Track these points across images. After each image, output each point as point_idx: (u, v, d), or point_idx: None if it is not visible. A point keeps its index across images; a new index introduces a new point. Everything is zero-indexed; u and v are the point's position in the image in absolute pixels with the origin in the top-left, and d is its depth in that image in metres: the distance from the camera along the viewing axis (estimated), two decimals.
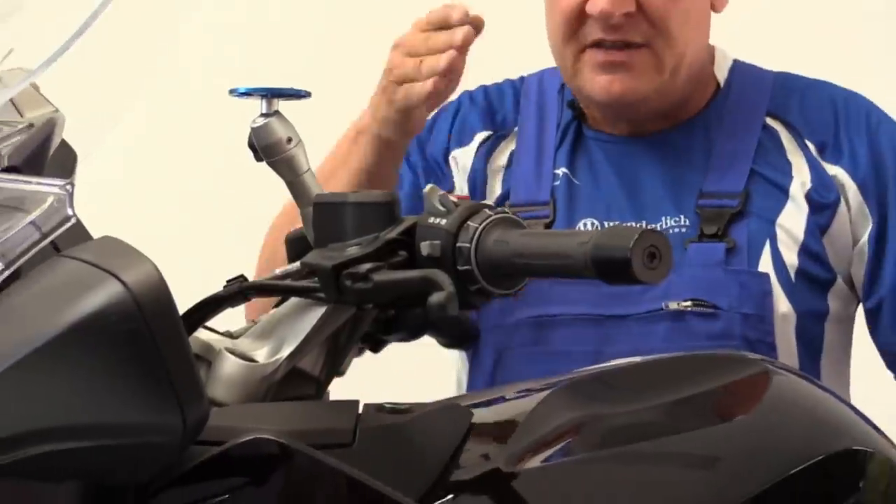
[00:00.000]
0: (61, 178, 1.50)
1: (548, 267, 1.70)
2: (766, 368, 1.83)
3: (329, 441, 1.49)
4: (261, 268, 1.91)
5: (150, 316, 1.40)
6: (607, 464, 1.67)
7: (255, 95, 1.88)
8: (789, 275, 2.30)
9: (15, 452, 1.35)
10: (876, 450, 1.73)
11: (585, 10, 2.29)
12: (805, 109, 2.41)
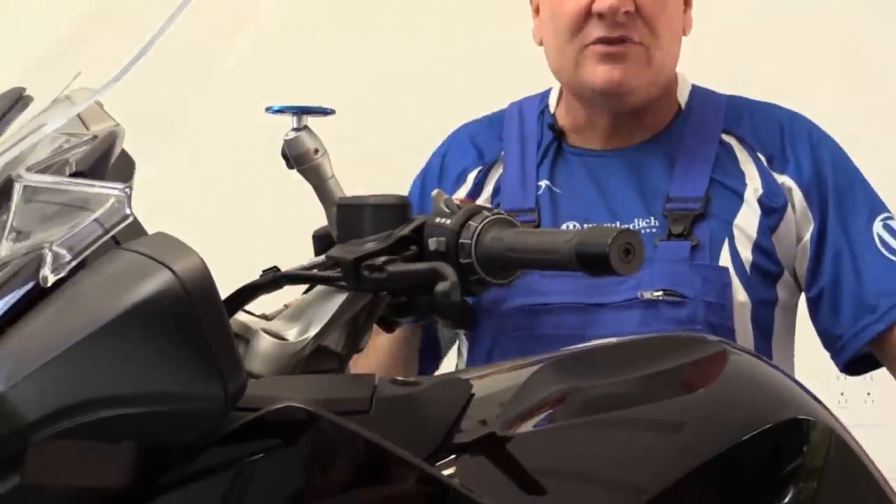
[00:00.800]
0: (121, 182, 1.50)
1: (538, 261, 1.72)
2: (723, 349, 1.83)
3: (349, 409, 1.50)
4: None
5: (197, 300, 1.41)
6: (587, 429, 1.67)
7: (287, 112, 1.89)
8: (745, 268, 2.31)
9: (80, 417, 1.36)
10: (818, 419, 1.73)
11: (592, 10, 2.29)
12: (755, 127, 2.41)
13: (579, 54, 2.33)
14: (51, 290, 1.42)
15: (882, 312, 2.30)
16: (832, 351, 2.37)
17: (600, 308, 2.21)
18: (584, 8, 2.30)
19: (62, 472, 1.39)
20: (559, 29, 2.35)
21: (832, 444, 1.73)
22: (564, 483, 1.58)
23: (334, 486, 1.47)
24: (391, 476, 1.48)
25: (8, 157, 1.54)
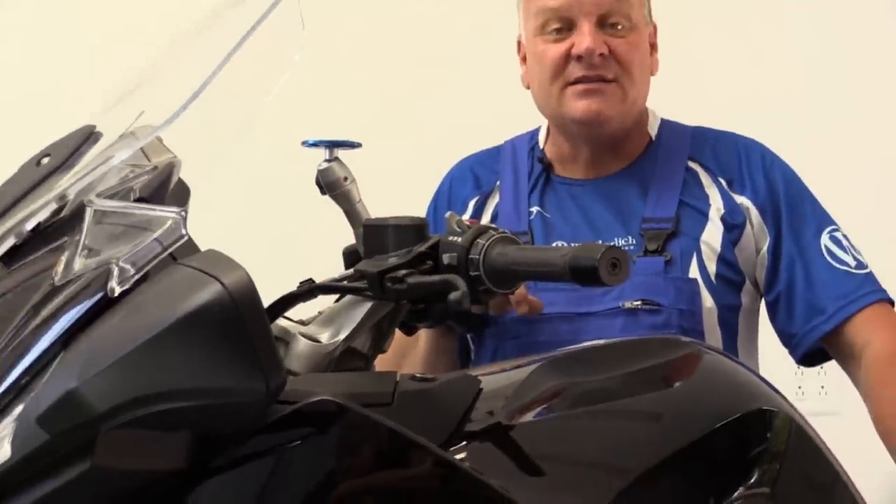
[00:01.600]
0: (178, 206, 1.51)
1: (536, 273, 1.73)
2: (696, 349, 1.84)
3: (374, 402, 1.50)
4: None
5: (243, 309, 1.41)
6: (580, 419, 1.68)
7: (320, 146, 1.89)
8: (711, 278, 2.32)
9: (143, 409, 1.36)
10: (780, 410, 1.73)
11: (571, 53, 2.30)
12: (716, 154, 2.42)
13: (562, 92, 2.34)
14: (117, 300, 1.42)
15: (830, 314, 2.31)
16: (789, 347, 2.38)
17: (588, 316, 2.21)
18: (564, 52, 2.31)
19: (127, 457, 1.39)
20: (544, 72, 2.36)
21: (792, 432, 1.72)
22: (560, 466, 1.58)
23: (361, 468, 1.46)
24: (410, 460, 1.48)
25: (81, 185, 1.55)
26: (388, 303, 1.74)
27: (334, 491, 1.44)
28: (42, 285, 1.46)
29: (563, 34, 2.33)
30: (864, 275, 2.34)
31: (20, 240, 1.55)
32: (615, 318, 2.23)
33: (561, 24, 2.33)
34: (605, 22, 2.32)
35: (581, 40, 2.29)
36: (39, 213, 1.55)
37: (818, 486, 1.74)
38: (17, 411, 1.38)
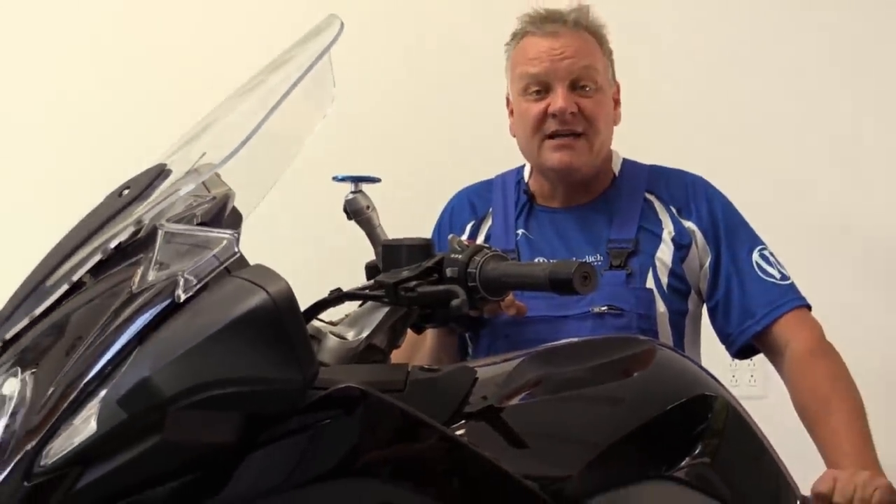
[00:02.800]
0: (232, 229, 1.52)
1: (522, 284, 1.73)
2: (651, 346, 1.84)
3: (390, 388, 1.50)
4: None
5: (283, 313, 1.41)
6: (557, 402, 1.68)
7: (347, 181, 1.91)
8: (664, 289, 2.32)
9: (202, 394, 1.37)
10: (719, 395, 1.74)
11: (548, 111, 2.30)
12: (668, 188, 2.41)
13: (541, 145, 2.34)
14: (182, 305, 1.43)
15: (760, 317, 2.30)
16: (726, 344, 2.37)
17: (564, 319, 2.20)
18: (543, 110, 2.31)
19: (189, 433, 1.39)
20: (526, 126, 2.35)
21: (728, 413, 1.73)
22: (540, 440, 1.57)
23: (379, 443, 1.46)
24: (419, 436, 1.47)
25: (154, 212, 1.55)
26: (401, 308, 1.74)
27: (357, 461, 1.44)
28: (122, 293, 1.46)
29: (541, 95, 2.33)
30: (788, 285, 2.33)
31: (105, 256, 1.55)
32: (586, 320, 2.22)
33: (540, 87, 2.33)
34: (576, 85, 2.32)
35: (556, 101, 2.30)
36: (120, 235, 1.56)
37: (749, 457, 1.74)
38: (102, 395, 1.38)
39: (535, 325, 2.18)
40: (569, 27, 2.35)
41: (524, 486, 1.48)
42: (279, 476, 1.41)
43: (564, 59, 2.31)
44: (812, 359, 2.23)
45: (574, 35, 2.34)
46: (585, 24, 2.37)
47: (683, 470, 1.63)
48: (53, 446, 1.36)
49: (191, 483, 1.39)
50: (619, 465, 1.59)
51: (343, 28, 1.66)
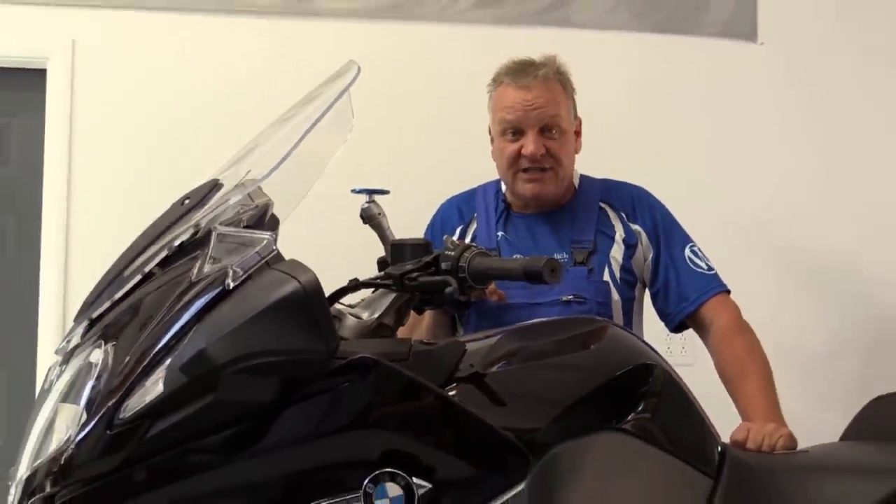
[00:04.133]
0: (271, 231, 1.53)
1: (502, 275, 1.74)
2: (605, 324, 1.83)
3: (396, 358, 1.50)
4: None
5: (311, 298, 1.42)
6: (529, 369, 1.67)
7: (363, 193, 1.92)
8: (618, 281, 2.31)
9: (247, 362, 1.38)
10: (657, 363, 1.73)
11: (521, 152, 2.29)
12: (619, 198, 2.39)
13: (515, 176, 2.33)
14: (231, 291, 1.43)
15: (691, 301, 2.30)
16: (664, 322, 2.37)
17: (537, 305, 2.18)
18: (517, 150, 2.30)
19: (236, 393, 1.39)
20: (503, 161, 2.34)
21: (665, 377, 1.72)
22: (516, 399, 1.57)
23: (387, 401, 1.46)
24: (419, 396, 1.47)
25: (209, 217, 1.56)
26: (406, 294, 1.73)
27: (370, 415, 1.44)
28: (184, 281, 1.47)
29: (516, 137, 2.30)
30: (713, 275, 2.33)
31: (170, 252, 1.55)
32: (555, 307, 2.21)
33: (515, 131, 2.31)
34: (544, 130, 2.30)
35: (528, 145, 2.28)
36: (182, 235, 1.56)
37: (680, 412, 1.73)
38: (167, 362, 1.38)
39: (514, 310, 2.17)
40: (539, 80, 2.31)
41: (503, 436, 1.48)
42: (308, 427, 1.41)
43: (535, 110, 2.29)
44: (732, 334, 2.24)
45: (543, 86, 2.31)
46: (553, 75, 2.34)
47: (629, 423, 1.62)
48: (129, 403, 1.37)
49: (237, 433, 1.39)
50: (579, 418, 1.58)
51: (360, 72, 1.67)
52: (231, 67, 3.23)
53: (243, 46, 3.25)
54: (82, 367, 1.47)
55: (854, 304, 3.44)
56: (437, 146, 3.20)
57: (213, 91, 3.20)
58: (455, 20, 3.35)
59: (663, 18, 3.46)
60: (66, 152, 3.15)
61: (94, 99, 3.17)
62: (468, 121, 2.41)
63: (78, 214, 3.12)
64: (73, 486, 1.37)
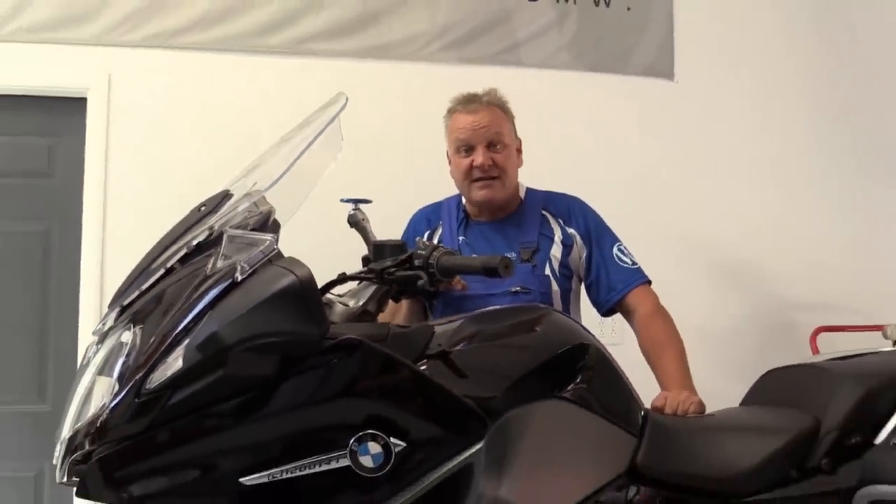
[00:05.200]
0: (273, 233, 1.51)
1: (464, 270, 1.72)
2: (548, 310, 1.82)
3: (377, 339, 1.50)
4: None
5: (306, 289, 1.41)
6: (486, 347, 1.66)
7: (350, 202, 1.93)
8: (557, 275, 2.29)
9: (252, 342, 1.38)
10: (591, 343, 1.72)
11: (473, 164, 2.29)
12: (557, 206, 2.38)
13: (469, 186, 2.32)
14: (239, 283, 1.42)
15: (619, 290, 2.29)
16: (597, 308, 2.35)
17: (492, 295, 2.16)
18: (469, 163, 2.29)
19: (243, 368, 1.38)
20: (459, 173, 2.33)
21: (598, 354, 1.71)
22: (475, 372, 1.55)
23: (369, 374, 1.44)
24: (396, 370, 1.46)
25: (221, 221, 1.54)
26: (385, 286, 1.72)
27: (355, 386, 1.43)
28: (200, 275, 1.45)
29: (468, 153, 2.30)
30: (636, 268, 2.32)
31: (189, 250, 1.54)
32: (506, 297, 2.19)
33: (467, 147, 2.30)
34: (490, 146, 2.29)
35: (477, 157, 2.28)
36: (199, 236, 1.54)
37: (611, 383, 1.72)
38: (186, 342, 1.37)
39: (473, 299, 2.16)
40: (483, 105, 2.32)
41: (465, 403, 1.48)
42: (303, 397, 1.40)
43: (482, 129, 2.29)
44: (652, 318, 2.23)
45: (487, 110, 2.32)
46: (494, 102, 2.35)
47: (569, 392, 1.61)
48: (154, 376, 1.36)
49: (244, 401, 1.38)
50: (527, 388, 1.57)
51: (347, 101, 1.66)
52: (243, 96, 3.22)
53: (254, 79, 3.24)
54: (115, 346, 1.46)
55: (750, 294, 3.47)
56: (411, 164, 3.19)
57: (228, 116, 3.19)
58: (427, 60, 3.35)
59: (598, 60, 3.47)
60: (102, 168, 3.12)
61: (126, 123, 3.15)
62: (438, 143, 2.40)
63: (112, 220, 3.10)
64: (107, 444, 1.36)
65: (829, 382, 1.90)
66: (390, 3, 3.35)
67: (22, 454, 3.04)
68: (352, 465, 1.38)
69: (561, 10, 3.45)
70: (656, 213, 3.39)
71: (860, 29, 3.67)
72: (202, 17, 3.22)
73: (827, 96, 3.60)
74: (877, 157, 3.62)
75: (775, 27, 3.61)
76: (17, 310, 3.11)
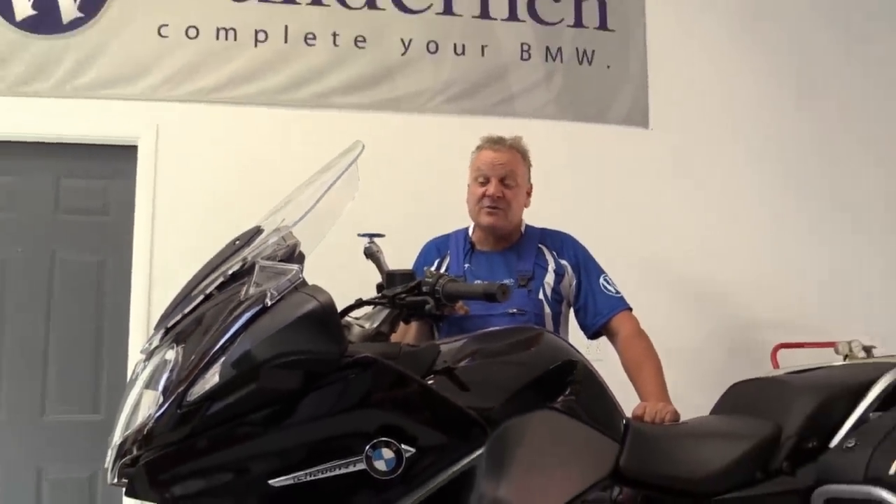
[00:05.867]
0: (299, 264, 1.51)
1: (467, 295, 1.71)
2: (542, 331, 1.81)
3: (390, 357, 1.49)
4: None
5: (327, 313, 1.41)
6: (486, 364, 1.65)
7: (366, 236, 1.91)
8: (549, 300, 2.28)
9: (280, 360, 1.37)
10: (579, 360, 1.71)
11: (486, 193, 2.30)
12: (552, 241, 2.36)
13: (478, 211, 2.32)
14: (269, 308, 1.41)
15: (604, 315, 2.28)
16: (584, 331, 2.34)
17: (491, 316, 2.14)
18: (482, 192, 2.30)
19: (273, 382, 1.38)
20: (472, 199, 2.34)
21: (585, 370, 1.70)
22: (477, 385, 1.54)
23: (383, 388, 1.44)
24: (406, 385, 1.46)
25: (254, 253, 1.54)
26: (397, 310, 1.71)
27: (370, 399, 1.42)
28: (235, 300, 1.45)
29: (484, 183, 2.31)
30: (620, 297, 2.31)
31: (225, 279, 1.53)
32: (504, 317, 2.18)
33: (484, 179, 2.31)
34: (503, 181, 2.30)
35: (490, 188, 2.29)
36: (234, 266, 1.54)
37: (597, 395, 1.71)
38: (222, 360, 1.37)
39: (474, 320, 2.15)
40: (506, 147, 2.34)
41: (468, 414, 1.47)
42: (324, 408, 1.39)
43: (499, 165, 2.31)
44: (633, 339, 2.22)
45: (508, 152, 2.33)
46: (516, 146, 2.36)
47: (560, 403, 1.60)
48: (194, 390, 1.36)
49: (273, 412, 1.37)
50: (523, 400, 1.56)
51: (364, 148, 1.66)
52: (273, 143, 3.22)
53: (283, 129, 3.24)
54: (160, 363, 1.46)
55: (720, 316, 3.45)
56: (421, 202, 3.19)
57: (259, 161, 3.19)
58: (433, 111, 3.36)
59: (581, 111, 3.48)
60: (150, 207, 3.12)
61: (172, 168, 3.16)
62: (444, 183, 2.41)
63: (158, 252, 3.10)
64: (152, 450, 1.36)
65: (789, 393, 1.89)
66: (400, 63, 3.36)
67: (78, 458, 3.02)
68: (367, 469, 1.38)
69: (549, 68, 3.47)
70: (634, 244, 3.38)
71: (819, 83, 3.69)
72: (237, 76, 3.24)
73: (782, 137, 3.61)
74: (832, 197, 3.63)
75: (738, 81, 3.62)
76: (75, 330, 3.11)
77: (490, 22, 3.45)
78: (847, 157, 3.65)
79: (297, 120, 3.26)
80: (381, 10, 3.36)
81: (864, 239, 3.62)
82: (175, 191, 3.14)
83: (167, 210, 3.12)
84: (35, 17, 3.14)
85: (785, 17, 3.70)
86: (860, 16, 3.75)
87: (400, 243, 2.15)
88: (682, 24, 3.61)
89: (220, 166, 3.18)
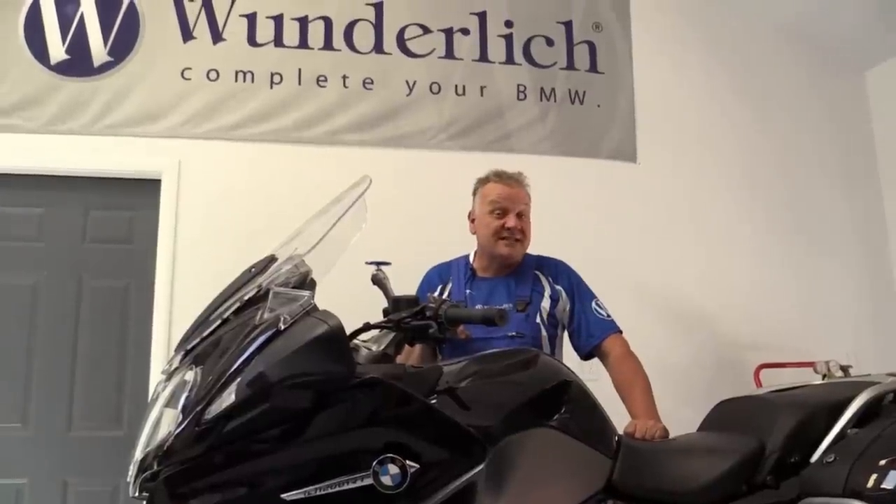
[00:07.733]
0: (310, 290, 1.50)
1: (468, 320, 1.69)
2: (538, 353, 1.79)
3: (395, 377, 1.48)
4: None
5: (337, 336, 1.41)
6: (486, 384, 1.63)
7: (373, 264, 1.90)
8: (545, 324, 2.26)
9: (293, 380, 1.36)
10: (574, 380, 1.71)
11: (504, 226, 2.29)
12: (547, 267, 2.35)
13: (496, 241, 2.30)
14: (283, 331, 1.40)
15: (596, 337, 2.26)
16: (577, 352, 2.32)
17: (491, 339, 2.13)
18: (501, 224, 2.30)
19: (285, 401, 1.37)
20: (487, 230, 2.32)
21: (579, 390, 1.69)
22: (477, 405, 1.53)
23: (389, 407, 1.44)
24: (411, 404, 1.45)
25: (268, 280, 1.54)
26: (402, 333, 1.70)
27: (377, 417, 1.41)
28: (250, 324, 1.44)
29: (501, 216, 2.30)
30: (611, 321, 2.29)
31: (241, 304, 1.53)
32: (503, 340, 2.16)
33: (501, 211, 2.31)
34: (519, 215, 2.31)
35: (510, 221, 2.29)
36: (250, 293, 1.53)
37: (590, 413, 1.70)
38: (238, 380, 1.36)
39: (475, 343, 2.14)
40: (517, 182, 2.35)
41: (469, 432, 1.46)
42: (333, 426, 1.39)
43: (516, 200, 2.31)
44: (623, 360, 2.20)
45: (518, 187, 2.34)
46: (524, 183, 2.37)
47: (555, 421, 1.60)
48: (211, 408, 1.35)
49: (285, 429, 1.36)
50: (521, 418, 1.55)
51: (371, 183, 1.66)
52: (287, 177, 3.23)
53: (296, 164, 3.25)
54: (180, 383, 1.45)
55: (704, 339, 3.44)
56: (424, 232, 3.19)
57: (274, 194, 3.20)
58: (436, 147, 3.37)
59: (573, 147, 3.50)
60: (172, 236, 3.13)
61: (193, 200, 3.17)
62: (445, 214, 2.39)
63: (179, 279, 3.09)
64: (172, 465, 1.35)
65: (772, 411, 1.88)
66: (405, 103, 3.39)
67: (101, 472, 3.00)
68: (374, 484, 1.36)
69: (544, 107, 3.50)
70: (625, 271, 3.38)
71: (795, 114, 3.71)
72: (254, 115, 3.26)
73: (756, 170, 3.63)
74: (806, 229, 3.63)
75: (719, 121, 3.65)
76: (100, 351, 3.10)
77: (489, 65, 3.48)
78: (816, 189, 3.68)
79: (309, 156, 3.27)
80: (387, 54, 3.40)
81: (837, 262, 3.64)
82: (195, 221, 3.15)
83: (188, 239, 3.13)
84: (68, 61, 3.17)
85: (760, 62, 3.74)
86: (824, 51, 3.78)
87: (404, 270, 2.15)
88: (666, 66, 3.64)
89: (238, 199, 3.19)
